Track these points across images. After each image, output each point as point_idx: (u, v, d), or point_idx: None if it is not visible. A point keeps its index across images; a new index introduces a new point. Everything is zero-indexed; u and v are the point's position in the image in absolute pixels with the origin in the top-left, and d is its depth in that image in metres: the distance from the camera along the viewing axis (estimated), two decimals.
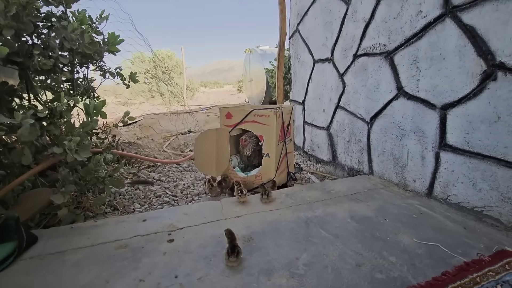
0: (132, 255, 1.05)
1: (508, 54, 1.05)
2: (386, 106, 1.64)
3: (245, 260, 1.00)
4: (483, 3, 1.11)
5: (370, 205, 1.42)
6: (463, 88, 1.21)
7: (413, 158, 1.49)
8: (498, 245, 1.02)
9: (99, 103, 1.47)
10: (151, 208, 1.61)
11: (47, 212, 1.45)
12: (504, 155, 1.09)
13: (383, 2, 1.59)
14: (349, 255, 1.02)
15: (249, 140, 1.82)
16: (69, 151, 1.28)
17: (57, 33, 1.57)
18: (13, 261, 1.02)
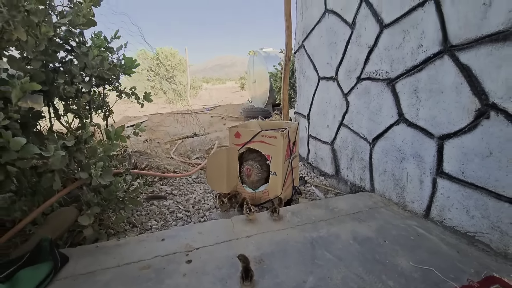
0: (156, 276, 1.17)
1: (500, 96, 1.14)
2: (388, 129, 1.73)
3: (257, 282, 1.11)
4: (479, 46, 1.20)
5: (371, 225, 1.52)
6: (459, 122, 1.31)
7: (412, 181, 1.59)
8: (487, 270, 1.13)
9: (119, 129, 1.58)
10: (167, 225, 1.73)
11: (71, 229, 1.57)
12: (495, 188, 1.19)
13: (386, 31, 1.67)
14: (351, 278, 1.13)
15: (251, 168, 1.90)
16: (94, 176, 1.40)
17: (79, 61, 1.67)
18: (50, 281, 1.14)
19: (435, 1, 1.37)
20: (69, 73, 1.65)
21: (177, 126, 6.22)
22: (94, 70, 1.70)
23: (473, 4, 1.20)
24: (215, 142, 4.07)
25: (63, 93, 1.57)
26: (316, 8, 2.38)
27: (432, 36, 1.40)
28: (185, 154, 3.81)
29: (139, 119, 7.38)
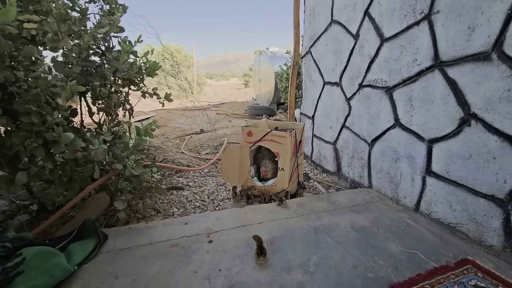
0: (183, 252, 1.39)
1: (480, 108, 1.34)
2: (385, 132, 1.94)
3: (269, 259, 1.33)
4: (464, 64, 1.40)
5: (367, 216, 1.74)
6: (446, 128, 1.51)
7: (405, 178, 1.80)
8: (463, 254, 1.34)
9: (147, 126, 1.79)
10: (186, 212, 1.95)
11: (105, 213, 1.80)
12: (473, 185, 1.40)
13: (386, 45, 1.87)
14: (348, 258, 1.34)
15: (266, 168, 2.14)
16: (128, 167, 1.62)
17: (111, 65, 1.88)
18: (96, 254, 1.36)
19: (429, 21, 1.56)
20: (103, 76, 1.86)
21: (184, 122, 6.44)
22: (125, 73, 1.91)
23: (460, 27, 1.40)
24: (224, 138, 4.28)
25: (99, 94, 1.79)
26: (323, 18, 2.57)
27: (425, 52, 1.60)
28: (194, 149, 4.02)
29: (146, 114, 7.61)
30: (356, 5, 2.13)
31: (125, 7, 2.05)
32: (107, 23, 1.78)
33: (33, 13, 1.58)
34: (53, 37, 1.58)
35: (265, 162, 2.18)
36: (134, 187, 1.73)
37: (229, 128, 5.73)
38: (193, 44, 11.70)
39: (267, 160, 2.18)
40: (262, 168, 2.15)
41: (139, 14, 3.42)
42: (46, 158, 1.51)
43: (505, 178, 1.26)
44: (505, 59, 1.22)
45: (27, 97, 1.34)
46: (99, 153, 1.47)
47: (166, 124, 6.49)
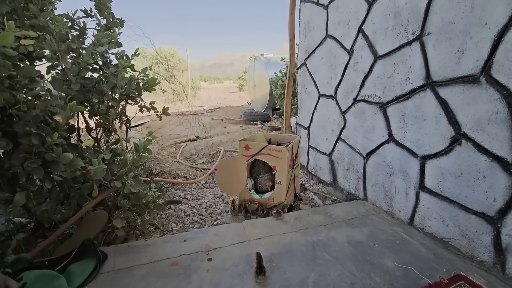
0: (184, 272, 1.40)
1: (470, 128, 1.39)
2: (379, 146, 1.99)
3: (268, 277, 1.35)
4: (454, 85, 1.46)
5: (363, 230, 1.78)
6: (438, 145, 1.56)
7: (399, 193, 1.85)
8: (456, 270, 1.38)
9: (146, 143, 1.80)
10: (185, 227, 1.96)
11: (103, 230, 1.80)
12: (464, 202, 1.45)
13: (380, 62, 1.92)
14: (346, 275, 1.37)
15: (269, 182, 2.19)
16: (127, 185, 1.63)
17: (109, 81, 1.89)
18: (96, 274, 1.37)
19: (420, 42, 1.62)
20: (101, 92, 1.86)
21: (178, 128, 6.43)
22: (123, 90, 1.92)
23: (450, 50, 1.45)
24: (220, 147, 4.30)
25: (98, 111, 1.80)
26: (318, 32, 2.62)
27: (417, 71, 1.65)
28: (190, 158, 4.03)
29: (141, 120, 7.58)
30: (350, 22, 2.19)
31: (122, 21, 2.06)
32: (106, 41, 1.79)
33: (30, 27, 1.59)
34: (52, 56, 1.58)
35: (261, 175, 2.21)
36: (133, 204, 1.73)
37: (225, 134, 5.75)
38: (187, 49, 11.71)
39: (262, 174, 2.20)
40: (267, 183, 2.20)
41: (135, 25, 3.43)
42: (45, 178, 1.51)
43: (495, 197, 1.31)
44: (493, 83, 1.28)
45: (27, 118, 1.35)
46: (98, 172, 1.48)
47: (160, 128, 6.48)
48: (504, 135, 1.25)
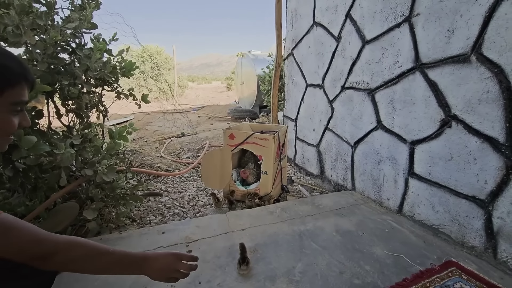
0: None
1: (460, 109, 1.35)
2: (368, 134, 1.93)
3: (253, 268, 1.26)
4: (443, 66, 1.41)
5: (352, 219, 1.71)
6: (427, 129, 1.51)
7: (388, 180, 1.80)
8: (447, 256, 1.33)
9: (121, 129, 1.68)
10: (164, 220, 1.84)
11: (73, 224, 1.65)
12: (455, 187, 1.40)
13: (368, 47, 1.87)
14: (334, 264, 1.30)
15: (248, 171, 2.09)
16: (100, 173, 1.50)
17: (82, 63, 1.75)
18: None
19: (409, 24, 1.57)
20: (72, 74, 1.72)
21: (164, 125, 6.25)
22: (97, 73, 1.78)
23: (440, 30, 1.41)
24: (205, 142, 4.17)
25: (68, 94, 1.65)
26: (305, 20, 2.56)
27: (406, 54, 1.60)
28: (175, 153, 3.89)
29: (124, 118, 7.33)
30: (337, 8, 2.13)
31: (98, 2, 1.92)
32: (77, 17, 1.65)
33: None
34: (14, 31, 1.44)
35: (248, 165, 2.12)
36: (106, 194, 1.60)
37: (211, 131, 5.62)
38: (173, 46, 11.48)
39: (251, 163, 2.12)
40: (242, 170, 2.09)
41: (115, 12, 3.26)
42: (5, 165, 1.37)
43: (486, 179, 1.27)
44: (484, 61, 1.24)
45: None
46: (65, 158, 1.34)
47: (144, 127, 6.27)
48: (495, 115, 1.21)
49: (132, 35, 3.31)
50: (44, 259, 0.70)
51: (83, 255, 0.75)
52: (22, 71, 0.70)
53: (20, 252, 0.68)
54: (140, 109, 2.18)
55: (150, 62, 12.61)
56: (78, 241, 0.76)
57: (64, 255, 0.72)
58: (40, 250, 0.69)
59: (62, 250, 0.72)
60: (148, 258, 0.83)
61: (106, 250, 0.79)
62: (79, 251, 0.74)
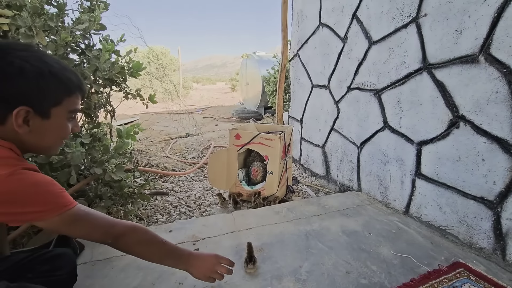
0: None
1: (468, 110, 1.34)
2: (374, 135, 1.93)
3: (259, 267, 1.27)
4: (451, 66, 1.41)
5: (358, 220, 1.71)
6: (435, 130, 1.51)
7: (394, 181, 1.79)
8: (454, 257, 1.32)
9: (129, 128, 1.70)
10: (171, 219, 1.86)
11: None
12: (462, 188, 1.39)
13: (374, 47, 1.87)
14: (341, 264, 1.30)
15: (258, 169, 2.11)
16: (108, 172, 1.52)
17: (91, 64, 1.78)
18: None
19: (416, 24, 1.57)
20: (82, 75, 1.75)
21: (169, 125, 6.29)
22: (105, 73, 1.81)
23: (447, 30, 1.41)
24: (210, 142, 4.19)
25: None
26: (311, 21, 2.56)
27: (413, 54, 1.60)
28: (180, 153, 3.91)
29: (130, 118, 7.39)
30: (344, 8, 2.14)
31: (106, 4, 1.95)
32: (86, 19, 1.68)
33: (6, 7, 1.47)
34: (26, 32, 1.47)
35: (256, 163, 2.14)
36: (114, 192, 1.62)
37: (216, 131, 5.65)
38: (179, 47, 11.56)
39: (258, 162, 2.14)
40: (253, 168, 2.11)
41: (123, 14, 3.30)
42: None
43: (494, 180, 1.26)
44: (493, 61, 1.23)
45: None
46: (75, 156, 1.37)
47: (150, 127, 6.32)
48: (504, 115, 1.20)
49: (139, 36, 3.36)
50: (117, 239, 0.83)
51: (145, 239, 0.88)
52: (78, 82, 0.81)
53: (103, 234, 0.81)
54: (146, 110, 2.21)
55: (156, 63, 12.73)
56: (141, 226, 0.91)
57: (131, 236, 0.85)
58: (114, 231, 0.83)
59: (129, 232, 0.85)
60: (193, 255, 0.95)
61: (161, 239, 0.92)
62: (142, 234, 0.88)
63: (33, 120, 0.72)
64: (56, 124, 0.77)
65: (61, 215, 0.72)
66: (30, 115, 0.71)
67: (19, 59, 0.69)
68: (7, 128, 0.70)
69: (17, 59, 0.69)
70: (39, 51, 0.77)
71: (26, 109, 0.70)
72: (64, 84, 0.75)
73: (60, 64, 0.77)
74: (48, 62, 0.74)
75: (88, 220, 0.79)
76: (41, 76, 0.71)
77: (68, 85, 0.76)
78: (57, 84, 0.74)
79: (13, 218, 0.69)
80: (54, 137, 0.79)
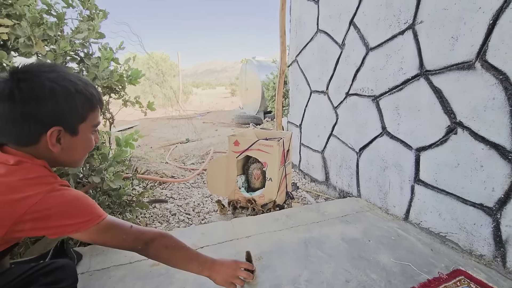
0: (166, 272, 1.29)
1: (465, 116, 1.35)
2: (373, 141, 1.93)
3: (258, 276, 1.25)
4: (448, 72, 1.41)
5: (358, 226, 1.70)
6: (433, 136, 1.51)
7: (394, 187, 1.79)
8: (455, 265, 1.31)
9: (128, 136, 1.70)
10: (170, 227, 1.85)
11: None
12: (461, 194, 1.39)
13: (372, 54, 1.88)
14: (340, 272, 1.29)
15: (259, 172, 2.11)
16: (107, 180, 1.52)
17: (89, 72, 1.79)
18: None
19: (413, 31, 1.58)
20: None
21: (169, 131, 6.30)
22: (104, 81, 1.82)
23: (444, 37, 1.42)
24: (210, 148, 4.19)
25: None
26: (309, 27, 2.58)
27: (410, 61, 1.61)
28: (179, 159, 3.91)
29: (129, 124, 7.41)
30: (341, 15, 2.15)
31: (105, 13, 1.97)
32: (85, 28, 1.69)
33: (5, 17, 1.49)
34: (26, 42, 1.48)
35: (255, 164, 2.15)
36: (113, 201, 1.62)
37: (216, 137, 5.65)
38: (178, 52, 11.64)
39: (257, 163, 2.14)
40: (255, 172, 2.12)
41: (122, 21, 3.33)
42: None
43: (493, 186, 1.25)
44: (489, 68, 1.24)
45: None
46: None
47: (150, 134, 6.34)
48: (501, 122, 1.20)
49: (138, 43, 3.38)
50: (147, 244, 0.86)
51: (172, 244, 0.92)
52: (99, 96, 0.84)
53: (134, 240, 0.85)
54: (145, 116, 2.21)
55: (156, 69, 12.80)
56: (166, 233, 0.96)
57: (160, 241, 0.89)
58: (145, 237, 0.87)
59: (158, 237, 0.90)
60: (216, 261, 1.00)
61: (185, 245, 0.97)
62: (169, 239, 0.93)
63: (64, 138, 0.76)
64: (83, 139, 0.81)
65: (98, 224, 0.77)
66: (61, 134, 0.75)
67: (48, 81, 0.72)
68: (40, 147, 0.74)
69: (47, 81, 0.71)
70: (63, 70, 0.79)
71: (58, 129, 0.74)
72: (88, 100, 0.79)
73: (82, 80, 0.79)
74: (73, 81, 0.76)
75: (121, 228, 0.84)
76: (70, 95, 0.74)
77: (92, 101, 0.80)
78: (83, 101, 0.77)
79: (55, 231, 0.74)
80: (82, 151, 0.84)
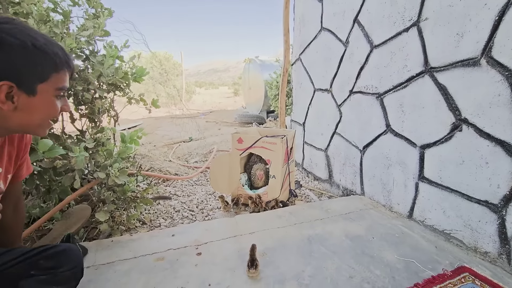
0: (170, 266, 1.30)
1: (470, 113, 1.34)
2: (376, 138, 1.92)
3: (262, 271, 1.26)
4: (453, 69, 1.41)
5: (361, 224, 1.70)
6: (438, 133, 1.50)
7: (398, 185, 1.78)
8: (459, 262, 1.31)
9: (133, 133, 1.71)
10: (173, 223, 1.86)
11: (86, 226, 1.69)
12: (466, 191, 1.38)
13: (376, 51, 1.88)
14: (344, 268, 1.29)
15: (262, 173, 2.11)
16: (112, 176, 1.53)
17: (95, 69, 1.80)
18: None
19: (418, 28, 1.57)
20: (86, 80, 1.77)
21: (172, 129, 6.33)
22: (109, 78, 1.83)
23: (449, 34, 1.41)
24: (213, 146, 4.20)
25: (82, 99, 1.70)
26: (313, 26, 2.58)
27: (415, 58, 1.60)
28: (183, 157, 3.93)
29: (134, 122, 7.45)
30: (345, 13, 2.15)
31: (110, 11, 1.98)
32: (91, 25, 1.71)
33: (13, 15, 1.50)
34: None
35: (258, 165, 2.15)
36: (117, 197, 1.63)
37: (219, 136, 5.66)
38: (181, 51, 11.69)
39: (260, 163, 2.14)
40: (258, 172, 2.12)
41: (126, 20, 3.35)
42: None
43: (499, 183, 1.25)
44: (494, 64, 1.23)
45: None
46: (79, 161, 1.38)
47: (153, 132, 6.37)
48: (507, 118, 1.20)
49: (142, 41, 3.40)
50: None
51: None
52: (66, 58, 0.76)
53: None
54: (149, 114, 2.23)
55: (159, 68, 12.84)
56: None
57: None
58: None
59: None
60: None
61: None
62: None
63: (18, 97, 0.69)
64: (43, 101, 0.73)
65: None
66: (14, 91, 0.68)
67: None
68: None
69: None
70: (23, 24, 0.70)
71: (8, 84, 0.66)
72: (50, 59, 0.71)
73: (46, 38, 0.72)
74: (32, 36, 0.69)
75: None
76: (25, 49, 0.67)
77: (54, 60, 0.72)
78: (43, 59, 0.70)
79: None
80: (41, 115, 0.75)
